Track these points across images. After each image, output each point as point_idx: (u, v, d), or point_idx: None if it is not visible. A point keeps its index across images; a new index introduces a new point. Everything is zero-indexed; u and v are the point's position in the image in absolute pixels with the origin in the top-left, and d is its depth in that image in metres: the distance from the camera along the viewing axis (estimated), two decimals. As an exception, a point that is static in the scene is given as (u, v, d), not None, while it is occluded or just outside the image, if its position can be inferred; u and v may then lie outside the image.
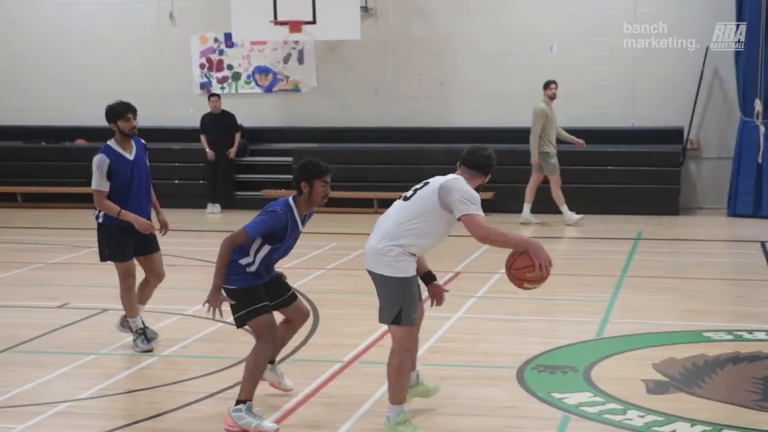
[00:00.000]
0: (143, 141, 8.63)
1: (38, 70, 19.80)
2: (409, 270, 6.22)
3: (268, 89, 19.33)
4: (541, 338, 8.79)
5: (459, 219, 6.21)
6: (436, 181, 6.37)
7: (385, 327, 6.70)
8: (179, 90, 19.34)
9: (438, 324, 9.24)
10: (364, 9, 18.22)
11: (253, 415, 6.49)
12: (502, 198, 17.42)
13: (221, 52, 19.38)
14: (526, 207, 16.20)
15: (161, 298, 9.51)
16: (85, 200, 18.32)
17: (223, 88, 19.26)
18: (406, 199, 6.36)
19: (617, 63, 17.90)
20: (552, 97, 15.81)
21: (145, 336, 8.53)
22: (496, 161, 6.64)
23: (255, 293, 6.60)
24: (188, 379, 7.65)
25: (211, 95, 18.30)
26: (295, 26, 17.45)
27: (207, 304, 6.44)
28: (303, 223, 6.70)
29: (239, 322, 6.65)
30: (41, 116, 19.75)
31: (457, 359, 8.20)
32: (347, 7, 17.28)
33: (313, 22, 17.40)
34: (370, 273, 6.31)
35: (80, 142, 19.44)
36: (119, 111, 8.32)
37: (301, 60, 19.11)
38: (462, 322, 9.51)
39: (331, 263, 12.48)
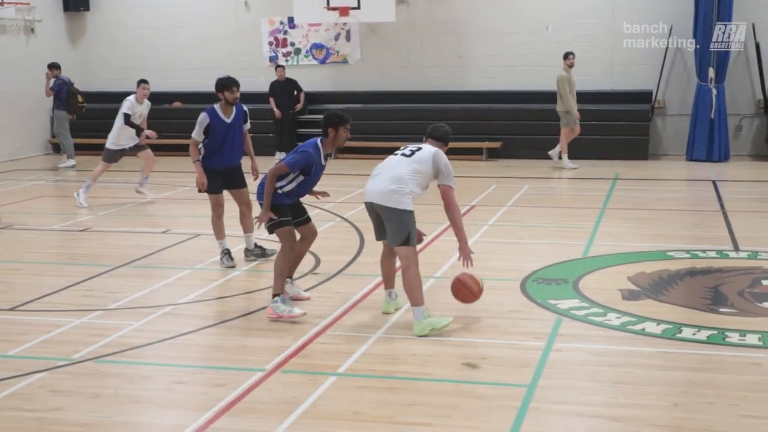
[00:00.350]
0: (245, 108, 8.63)
1: (146, 46, 19.69)
2: (411, 205, 6.50)
3: (323, 61, 19.13)
4: (540, 257, 8.74)
5: (440, 185, 6.55)
6: (428, 148, 6.63)
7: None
8: (252, 62, 19.20)
9: (452, 249, 9.17)
10: (398, -3, 17.98)
11: (286, 304, 6.78)
12: (507, 147, 17.30)
13: (285, 32, 19.20)
14: (565, 157, 15.63)
15: (239, 225, 9.52)
16: (181, 150, 18.37)
17: (287, 60, 19.10)
18: (405, 155, 6.58)
19: (600, 40, 17.50)
20: (570, 66, 15.24)
21: (230, 255, 8.58)
22: (451, 134, 6.98)
23: (282, 209, 6.87)
24: (266, 288, 7.66)
25: (278, 66, 18.14)
26: (344, 11, 17.26)
27: (257, 219, 6.86)
28: (325, 160, 6.97)
29: (270, 230, 6.92)
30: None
31: (473, 274, 8.14)
32: (385, -5, 17.08)
33: (358, 7, 17.19)
34: (377, 206, 6.51)
35: (177, 104, 19.40)
36: (226, 84, 8.35)
37: (348, 38, 18.89)
38: (477, 245, 9.32)
39: (373, 198, 12.41)
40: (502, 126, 17.47)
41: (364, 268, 8.44)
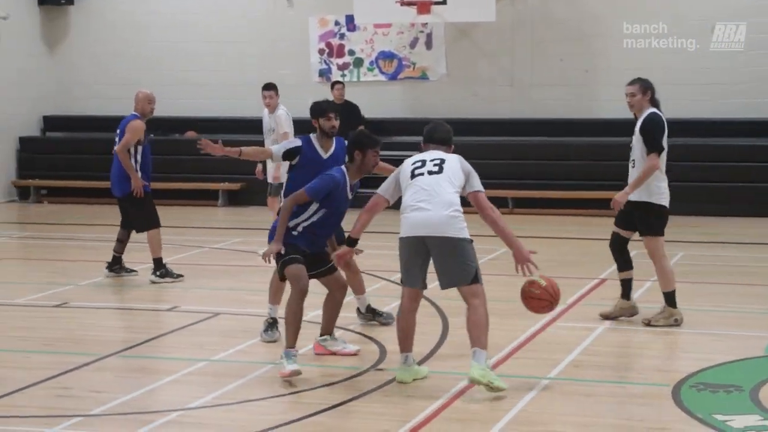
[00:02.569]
0: (343, 141, 9.15)
1: (146, 59, 20.23)
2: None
3: (393, 77, 19.37)
4: (700, 353, 8.61)
5: (472, 193, 7.61)
6: (449, 157, 7.74)
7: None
8: (296, 78, 19.48)
9: (582, 335, 9.13)
10: (500, -13, 18.10)
11: (289, 360, 7.78)
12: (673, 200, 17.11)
13: (342, 36, 19.50)
14: None
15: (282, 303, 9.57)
16: (196, 197, 18.83)
17: (343, 75, 19.35)
18: (435, 173, 7.59)
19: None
20: None
21: (276, 327, 9.02)
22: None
23: (291, 247, 7.97)
24: (307, 390, 7.68)
25: (335, 83, 18.29)
26: (424, 7, 17.38)
27: (263, 255, 7.99)
28: (352, 192, 8.17)
29: (280, 274, 8.09)
30: (149, 106, 20.10)
31: (603, 374, 8.10)
32: (481, -15, 17.15)
33: (444, 2, 17.31)
34: (432, 240, 7.44)
35: (191, 134, 19.78)
36: (321, 108, 9.08)
37: (429, 45, 19.10)
38: (608, 333, 9.37)
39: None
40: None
41: (446, 363, 8.42)
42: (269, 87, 13.63)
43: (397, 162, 20.06)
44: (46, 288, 11.52)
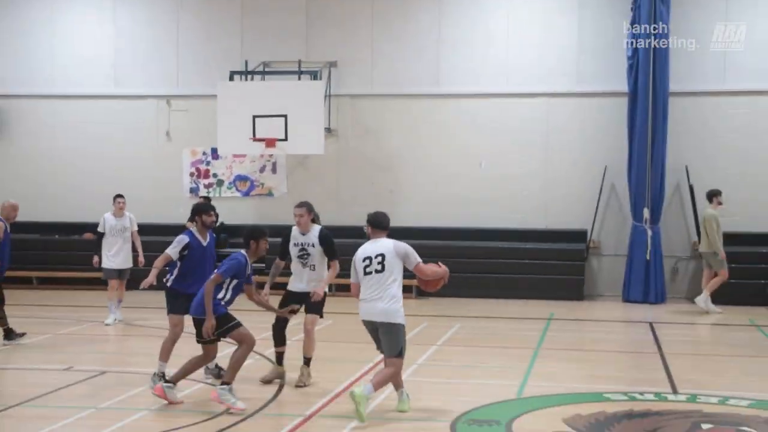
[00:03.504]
0: (213, 234, 9.38)
1: (55, 176, 19.59)
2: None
3: (246, 194, 19.30)
4: (471, 397, 8.70)
5: (414, 267, 8.04)
6: (386, 249, 8.04)
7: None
8: (172, 193, 19.26)
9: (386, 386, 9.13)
10: (328, 130, 18.33)
11: (233, 395, 7.92)
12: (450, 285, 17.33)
13: (208, 163, 19.38)
14: (706, 297, 15.30)
15: (146, 362, 9.33)
16: (89, 283, 18.16)
17: (209, 192, 19.22)
18: (379, 272, 7.92)
19: (533, 178, 18.08)
20: (720, 204, 15.36)
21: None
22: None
23: (229, 315, 8.18)
24: (176, 429, 7.46)
25: (202, 197, 18.20)
26: (270, 143, 17.46)
27: (204, 331, 7.97)
28: (250, 269, 8.34)
29: (223, 335, 8.11)
30: (57, 213, 19.53)
31: (401, 415, 8.09)
32: (314, 128, 17.31)
33: (285, 139, 17.43)
34: (378, 324, 7.88)
35: (88, 236, 19.09)
36: (203, 208, 9.30)
37: (274, 170, 19.15)
38: (405, 384, 9.34)
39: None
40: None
41: (283, 407, 8.26)
42: (122, 195, 13.98)
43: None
44: (-35, 353, 10.92)
